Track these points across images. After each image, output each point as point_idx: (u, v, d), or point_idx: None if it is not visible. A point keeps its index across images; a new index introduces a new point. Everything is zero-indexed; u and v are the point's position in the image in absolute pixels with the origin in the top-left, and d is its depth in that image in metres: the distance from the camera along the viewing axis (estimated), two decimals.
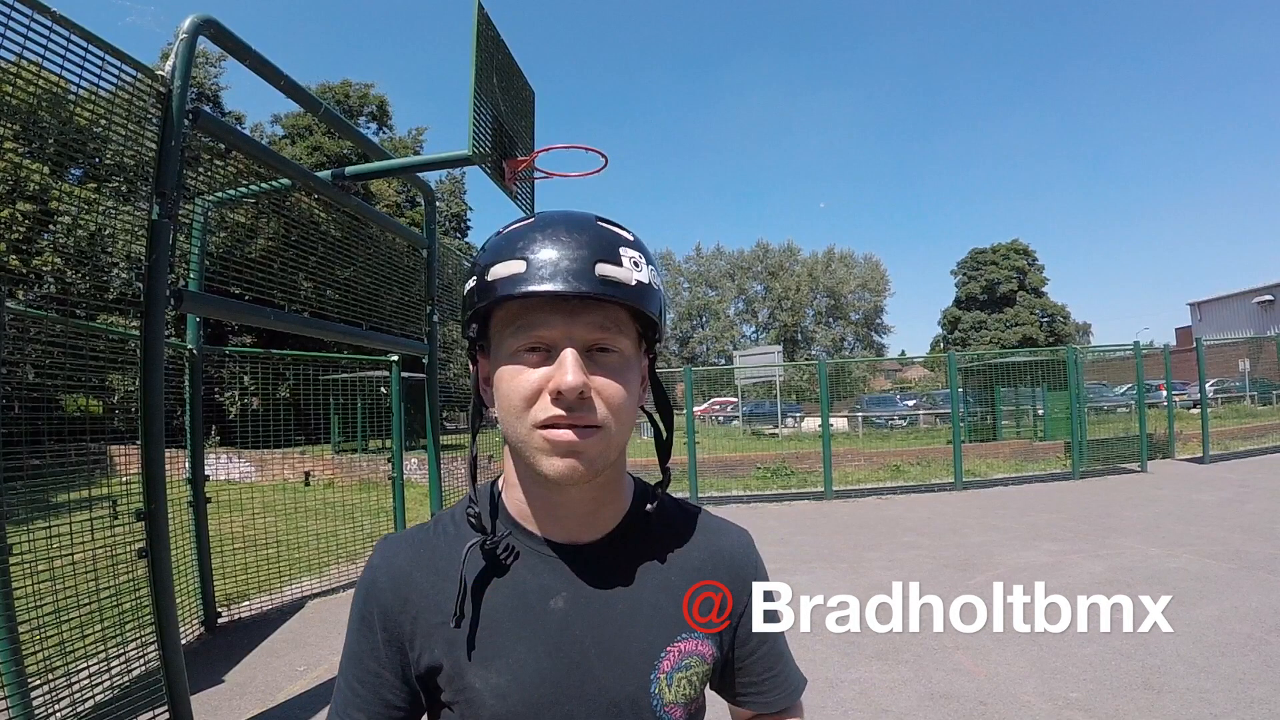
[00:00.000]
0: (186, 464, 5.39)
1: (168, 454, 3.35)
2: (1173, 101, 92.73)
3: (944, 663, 4.55)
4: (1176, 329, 45.66)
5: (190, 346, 5.41)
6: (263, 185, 5.28)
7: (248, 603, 5.88)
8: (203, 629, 5.32)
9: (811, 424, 26.54)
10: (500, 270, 0.85)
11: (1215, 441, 13.82)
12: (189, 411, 5.38)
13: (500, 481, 1.01)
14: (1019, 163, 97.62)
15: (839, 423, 27.90)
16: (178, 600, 5.09)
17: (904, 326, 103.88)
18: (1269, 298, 34.70)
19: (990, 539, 8.07)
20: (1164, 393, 23.61)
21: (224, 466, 13.39)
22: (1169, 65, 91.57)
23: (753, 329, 57.91)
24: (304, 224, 5.75)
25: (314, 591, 6.31)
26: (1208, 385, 21.91)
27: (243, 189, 5.29)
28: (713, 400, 32.36)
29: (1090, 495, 10.79)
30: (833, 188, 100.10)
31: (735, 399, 30.54)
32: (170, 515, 4.79)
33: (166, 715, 3.40)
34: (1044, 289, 54.51)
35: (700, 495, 11.70)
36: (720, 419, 29.39)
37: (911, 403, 31.43)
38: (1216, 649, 4.57)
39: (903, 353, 53.91)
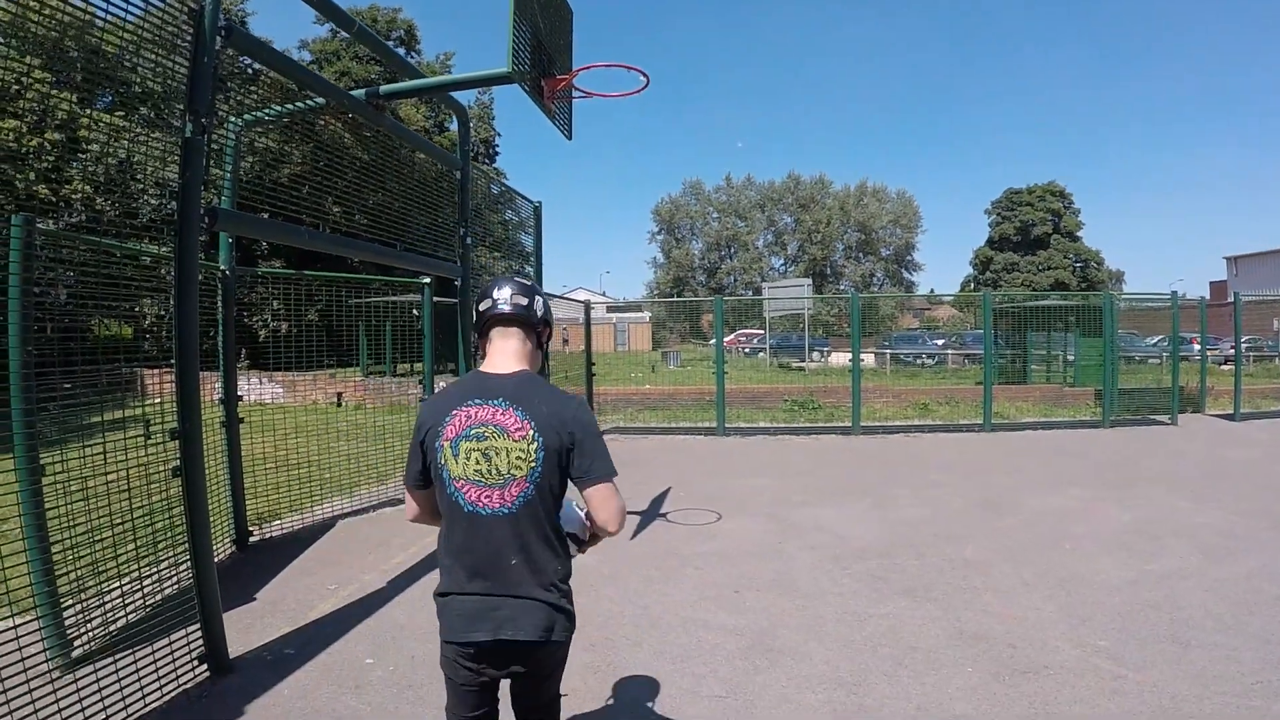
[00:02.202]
0: (219, 385, 5.42)
1: (200, 376, 3.38)
2: (1222, 46, 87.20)
3: (973, 603, 4.54)
4: (1210, 282, 44.08)
5: (223, 267, 5.34)
6: (294, 105, 5.14)
7: (279, 522, 5.96)
8: (234, 547, 5.40)
9: (839, 359, 26.37)
10: (484, 303, 2.09)
11: (1246, 400, 13.45)
12: (221, 333, 5.34)
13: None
14: (1059, 102, 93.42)
15: (867, 359, 27.60)
16: (210, 519, 5.24)
17: (934, 265, 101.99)
18: None
19: (1017, 481, 8.00)
20: (1196, 346, 23.04)
21: (255, 389, 13.64)
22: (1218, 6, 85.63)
23: (781, 261, 56.99)
24: (334, 147, 5.62)
25: (344, 511, 6.41)
26: (1225, 343, 21.19)
27: (274, 109, 5.15)
28: (739, 331, 32.14)
29: (1119, 444, 10.62)
30: (868, 120, 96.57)
31: (761, 331, 30.32)
32: (203, 436, 4.89)
33: (199, 632, 3.46)
34: (1079, 233, 52.71)
35: (727, 425, 11.70)
36: (746, 350, 29.26)
37: (940, 342, 30.99)
38: (1245, 607, 4.49)
39: (931, 291, 52.80)
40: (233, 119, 5.05)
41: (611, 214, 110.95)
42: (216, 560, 4.99)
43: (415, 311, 7.47)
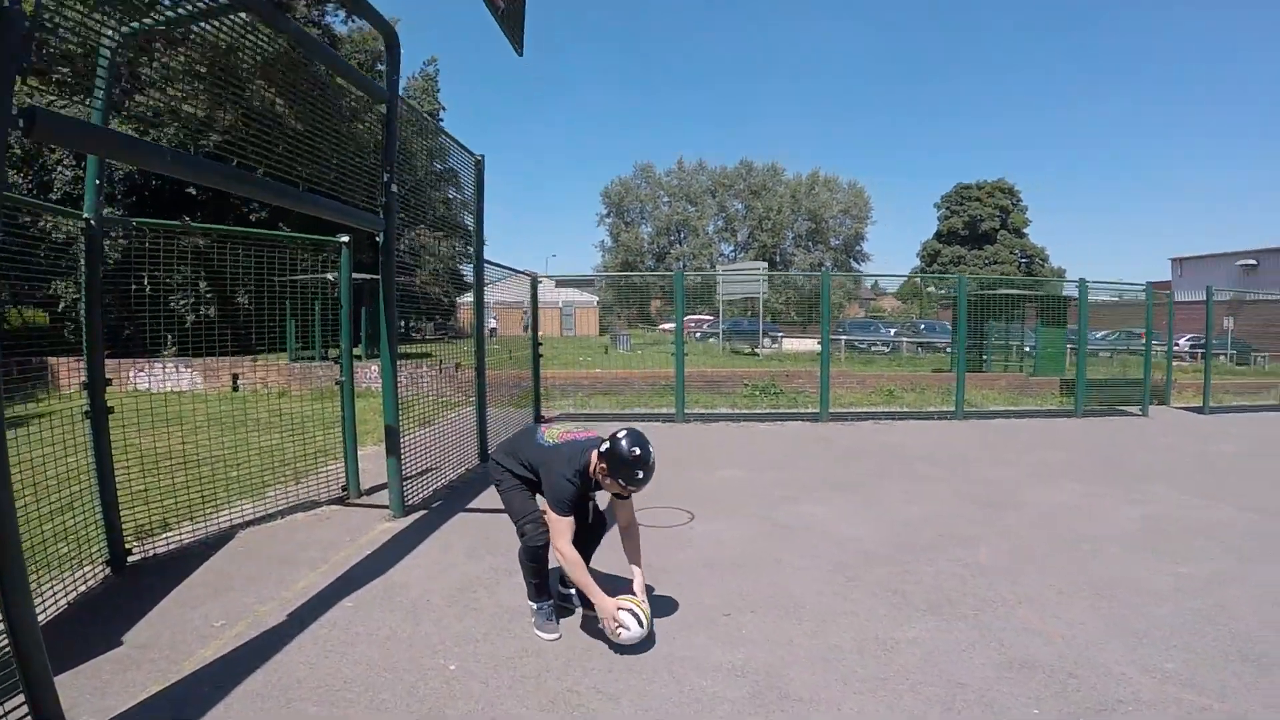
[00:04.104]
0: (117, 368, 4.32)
1: (74, 360, 2.40)
2: (1172, 50, 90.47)
3: (1009, 620, 3.85)
4: (1150, 283, 45.32)
5: (87, 216, 4.23)
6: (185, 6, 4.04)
7: (167, 535, 4.82)
8: (107, 569, 4.27)
9: (791, 344, 26.03)
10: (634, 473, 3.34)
11: (1212, 392, 13.36)
12: (84, 299, 4.24)
13: None
14: (1011, 102, 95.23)
15: (817, 345, 27.29)
16: (73, 535, 4.10)
17: (883, 256, 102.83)
18: (1253, 262, 34.36)
19: (1007, 474, 7.43)
20: (1144, 341, 23.39)
21: (170, 378, 12.29)
22: (1168, 16, 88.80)
23: (731, 247, 56.73)
24: (227, 68, 4.51)
25: (248, 519, 5.30)
26: (1184, 340, 21.68)
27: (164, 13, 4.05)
28: (688, 316, 31.40)
29: (1096, 435, 10.24)
30: (822, 111, 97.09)
31: (711, 316, 29.73)
32: (62, 429, 3.75)
33: (25, 710, 2.49)
34: (1025, 230, 53.99)
35: (686, 411, 10.93)
36: (697, 335, 28.60)
37: (893, 330, 30.96)
38: None
39: (875, 284, 53.49)
40: (110, 28, 3.95)
41: (559, 197, 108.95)
42: (85, 588, 3.95)
43: (331, 277, 6.34)
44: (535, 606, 3.59)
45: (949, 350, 24.53)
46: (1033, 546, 5.09)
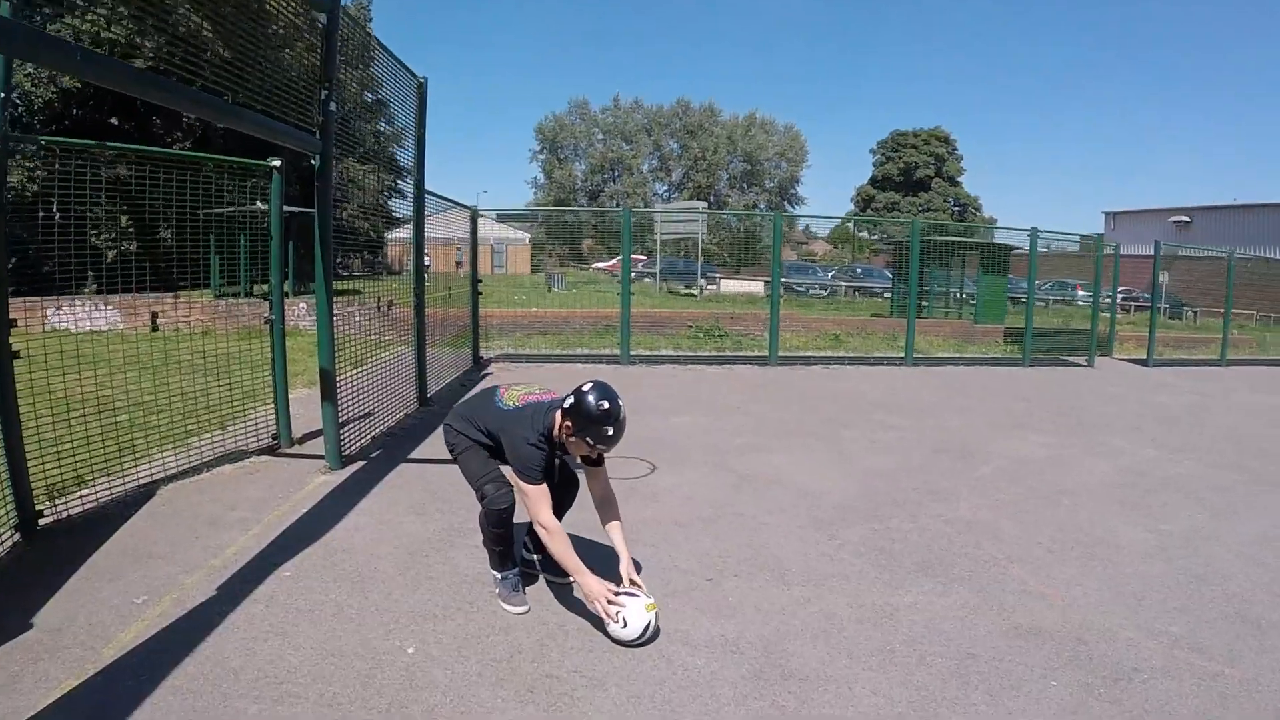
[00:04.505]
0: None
1: None
2: (1109, 5, 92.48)
3: (1005, 582, 3.68)
4: (1082, 237, 46.95)
5: None
6: None
7: (83, 493, 4.12)
8: (16, 535, 3.61)
9: (730, 285, 25.88)
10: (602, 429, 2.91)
11: (1146, 345, 13.78)
12: None
13: None
14: (948, 50, 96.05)
15: (755, 286, 27.40)
16: None
17: (817, 200, 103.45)
18: (1186, 219, 35.79)
19: (969, 423, 7.39)
20: (1081, 293, 24.25)
21: (88, 317, 11.05)
22: None
23: (665, 187, 56.17)
24: None
25: (171, 472, 4.61)
26: (1118, 293, 22.55)
27: None
28: (619, 257, 30.80)
29: (1048, 385, 10.40)
30: (761, 50, 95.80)
31: (644, 257, 29.24)
32: None
33: None
34: (959, 179, 55.17)
35: (631, 353, 10.55)
36: (631, 276, 28.06)
37: (831, 274, 31.24)
38: None
39: (806, 227, 54.17)
40: None
41: (490, 131, 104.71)
42: None
43: (261, 206, 5.60)
44: (499, 576, 3.19)
45: (886, 295, 24.94)
46: (1011, 501, 4.98)
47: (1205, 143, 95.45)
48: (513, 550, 3.23)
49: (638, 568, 3.12)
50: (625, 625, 2.79)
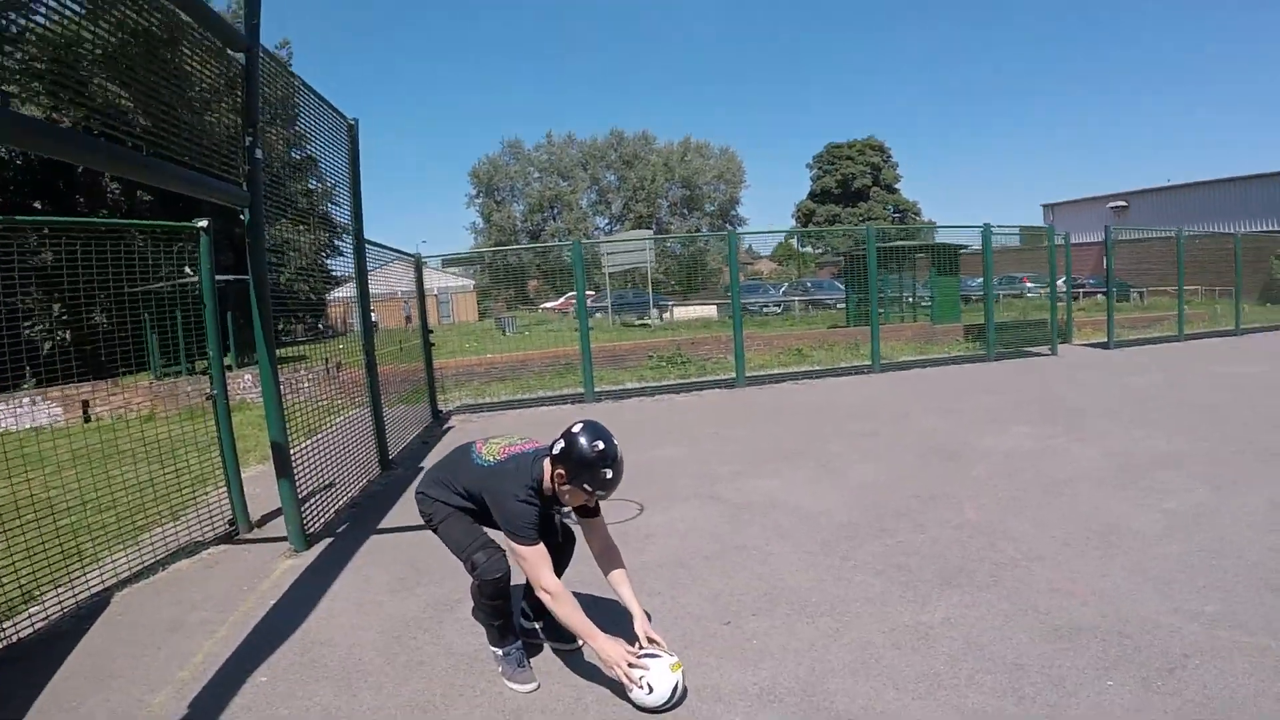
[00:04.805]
0: None
1: None
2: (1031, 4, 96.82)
3: (1031, 583, 3.58)
4: (1022, 228, 48.45)
5: None
6: None
7: (31, 610, 3.72)
8: None
9: (682, 312, 25.95)
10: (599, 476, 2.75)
11: (1103, 330, 14.14)
12: None
13: None
14: (878, 60, 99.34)
15: (708, 310, 27.62)
16: None
17: (758, 219, 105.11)
18: (1123, 204, 37.13)
19: (952, 424, 7.37)
20: (1027, 284, 24.96)
21: (27, 413, 10.39)
22: None
23: (606, 220, 56.41)
24: None
25: (125, 575, 4.22)
26: (1060, 281, 23.24)
27: None
28: (569, 294, 30.70)
29: (1018, 376, 10.53)
30: (691, 76, 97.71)
31: (592, 292, 29.17)
32: None
33: None
34: (897, 185, 56.69)
35: (595, 390, 10.37)
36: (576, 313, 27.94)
37: (783, 289, 31.60)
38: None
39: (749, 247, 55.03)
40: None
41: (424, 178, 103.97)
42: None
43: (188, 269, 5.31)
44: (500, 652, 2.92)
45: (839, 306, 25.29)
46: (1013, 498, 4.92)
47: (1136, 128, 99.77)
48: (512, 621, 2.99)
49: (648, 618, 2.92)
50: (651, 691, 2.56)
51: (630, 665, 2.59)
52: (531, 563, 2.67)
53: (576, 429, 2.69)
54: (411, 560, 4.31)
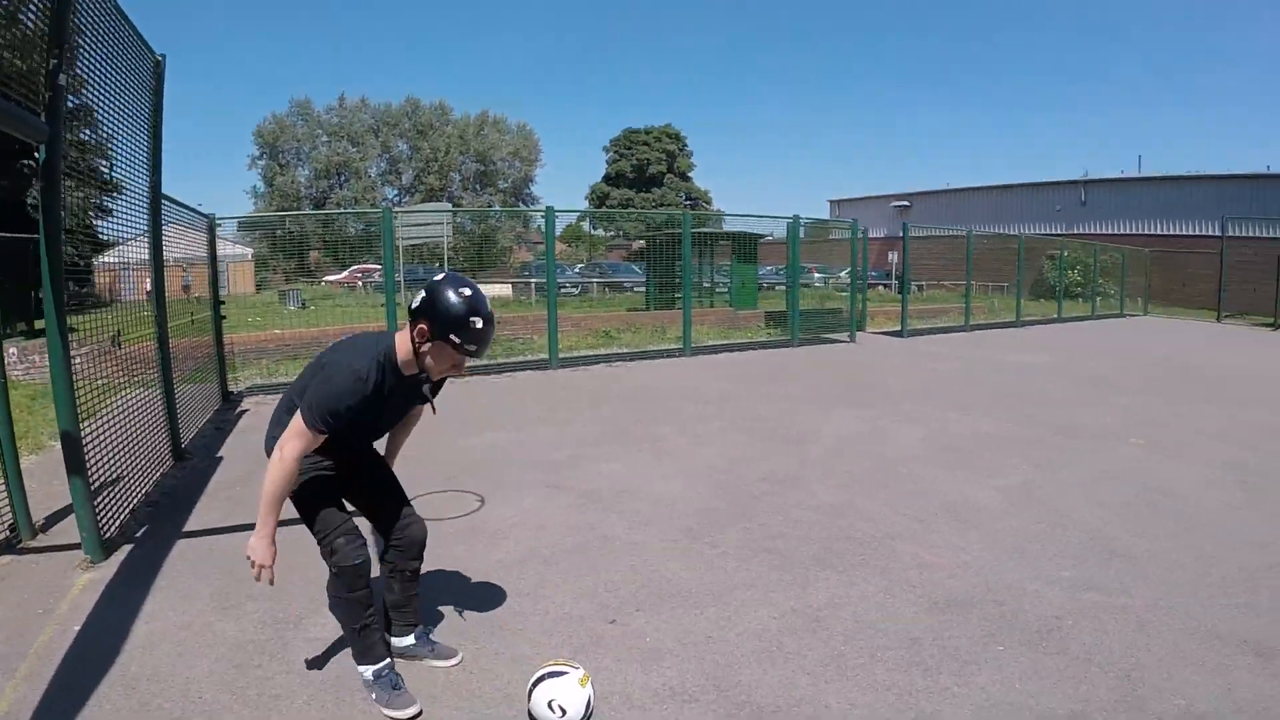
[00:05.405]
0: None
1: None
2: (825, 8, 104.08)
3: (898, 559, 3.74)
4: (833, 222, 52.14)
5: None
6: None
7: None
8: None
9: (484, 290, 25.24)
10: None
11: (897, 319, 15.47)
12: None
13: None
14: (676, 50, 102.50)
15: (501, 290, 27.18)
16: None
17: (552, 199, 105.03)
18: (906, 203, 41.23)
19: (778, 407, 7.66)
20: (815, 275, 26.93)
21: None
22: None
23: (396, 191, 53.71)
24: None
25: None
26: (843, 273, 25.35)
27: None
28: (354, 267, 28.77)
29: (826, 362, 11.24)
30: (491, 48, 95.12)
31: (376, 266, 27.47)
32: None
33: None
34: (690, 174, 59.00)
35: None
36: (370, 287, 26.32)
37: (578, 269, 31.78)
38: (1128, 511, 4.51)
39: (539, 226, 54.99)
40: None
41: (198, 137, 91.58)
42: None
43: None
44: (370, 675, 2.50)
45: (636, 289, 25.90)
46: (858, 479, 5.15)
47: (917, 134, 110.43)
48: (381, 630, 2.58)
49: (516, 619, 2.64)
50: (564, 714, 2.29)
51: (265, 570, 2.32)
52: (292, 434, 2.29)
53: (438, 278, 2.32)
54: (231, 569, 3.58)
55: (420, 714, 2.44)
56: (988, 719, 2.41)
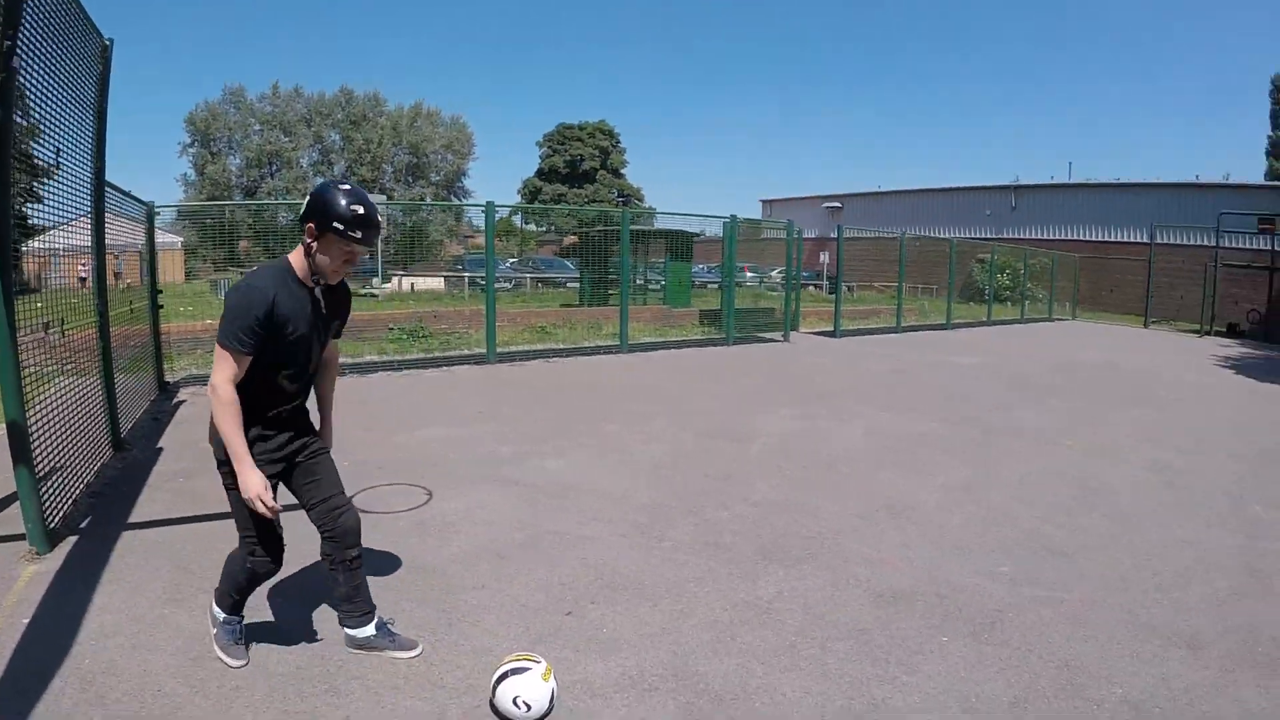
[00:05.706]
0: None
1: None
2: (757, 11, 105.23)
3: (842, 553, 3.88)
4: (763, 222, 52.82)
5: None
6: None
7: None
8: None
9: (409, 283, 24.89)
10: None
11: (829, 319, 15.81)
12: None
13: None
14: (611, 43, 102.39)
15: (435, 283, 26.83)
16: None
17: (485, 192, 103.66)
18: (838, 205, 42.03)
19: (718, 405, 7.78)
20: (748, 274, 27.33)
21: None
22: None
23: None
24: None
25: None
26: (776, 272, 25.78)
27: None
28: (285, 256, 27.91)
29: (762, 361, 11.43)
30: (425, 43, 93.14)
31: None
32: None
33: None
34: (623, 170, 59.21)
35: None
36: None
37: (510, 263, 31.57)
38: (1062, 509, 4.73)
39: (470, 221, 54.59)
40: None
41: (128, 123, 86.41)
42: None
43: None
44: (223, 618, 2.69)
45: (569, 285, 25.87)
46: (799, 476, 5.29)
47: (848, 137, 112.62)
48: (246, 599, 2.72)
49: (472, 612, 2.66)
50: (529, 709, 2.31)
51: (268, 507, 2.39)
52: (218, 359, 2.36)
53: (318, 182, 2.49)
54: (180, 561, 3.49)
55: (247, 665, 2.64)
56: (935, 706, 2.53)
